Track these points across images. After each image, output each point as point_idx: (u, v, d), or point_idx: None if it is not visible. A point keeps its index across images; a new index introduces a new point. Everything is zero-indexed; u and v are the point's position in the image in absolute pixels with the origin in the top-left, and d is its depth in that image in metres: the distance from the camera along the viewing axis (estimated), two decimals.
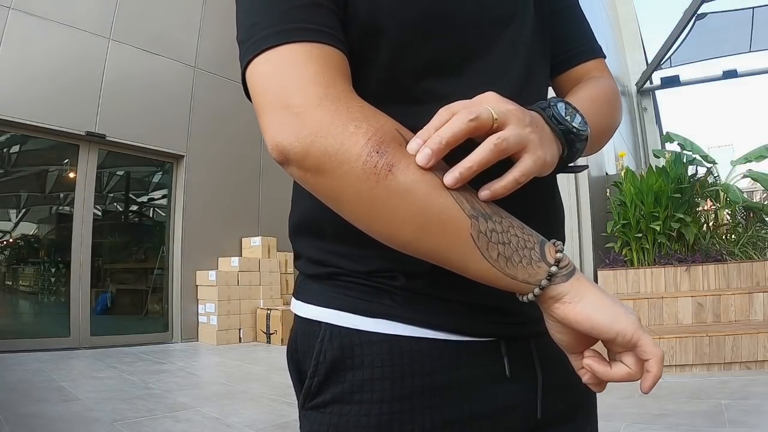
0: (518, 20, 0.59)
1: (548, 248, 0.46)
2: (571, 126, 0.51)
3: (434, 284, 0.54)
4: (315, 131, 0.43)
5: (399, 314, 0.54)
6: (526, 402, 0.57)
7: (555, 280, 0.45)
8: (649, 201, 4.89)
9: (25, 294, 5.94)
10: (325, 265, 0.57)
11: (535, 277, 0.45)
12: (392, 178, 0.43)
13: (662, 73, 10.48)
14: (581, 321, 0.45)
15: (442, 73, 0.54)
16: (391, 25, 0.52)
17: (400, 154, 0.44)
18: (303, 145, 0.43)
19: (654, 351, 0.44)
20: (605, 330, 0.44)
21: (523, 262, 0.45)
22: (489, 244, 0.44)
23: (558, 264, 0.45)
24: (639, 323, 0.45)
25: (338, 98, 0.45)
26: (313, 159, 0.44)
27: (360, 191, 0.43)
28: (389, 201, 0.43)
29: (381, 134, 0.44)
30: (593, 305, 0.45)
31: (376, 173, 0.42)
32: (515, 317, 0.56)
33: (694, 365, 3.57)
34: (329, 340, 0.54)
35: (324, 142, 0.43)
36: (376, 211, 0.44)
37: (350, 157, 0.43)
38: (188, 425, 2.78)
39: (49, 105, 5.16)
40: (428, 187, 0.43)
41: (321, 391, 0.54)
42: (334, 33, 0.49)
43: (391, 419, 0.51)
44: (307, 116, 0.44)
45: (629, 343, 0.44)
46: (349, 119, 0.44)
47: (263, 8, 0.49)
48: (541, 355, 0.58)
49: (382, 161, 0.43)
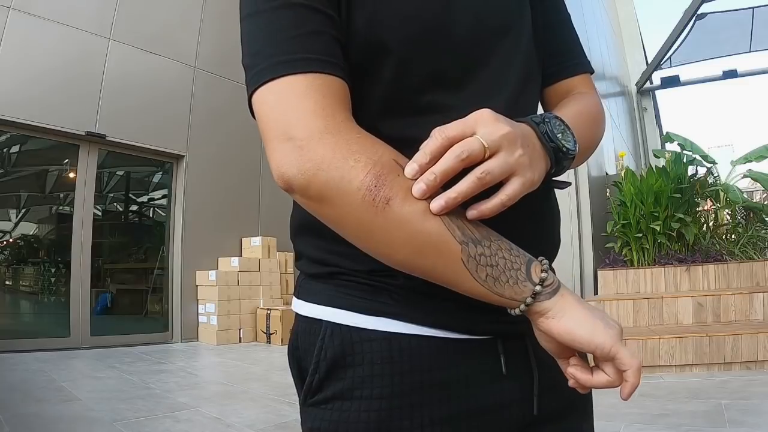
0: (515, 32, 0.61)
1: (534, 268, 0.49)
2: (561, 145, 0.53)
3: (433, 283, 0.54)
4: (317, 164, 0.46)
5: (398, 312, 0.55)
6: (522, 399, 0.58)
7: (539, 298, 0.48)
8: (649, 201, 4.89)
9: (25, 294, 5.94)
10: (325, 264, 0.58)
11: (521, 295, 0.48)
12: (389, 210, 0.46)
13: (662, 73, 10.49)
14: (563, 335, 0.48)
15: (443, 85, 0.56)
16: (392, 41, 0.53)
17: (397, 186, 0.46)
18: (306, 177, 0.46)
19: (630, 362, 0.47)
20: (585, 344, 0.47)
21: (509, 282, 0.48)
22: (478, 267, 0.47)
23: (542, 283, 0.48)
24: (617, 337, 0.48)
25: (338, 131, 0.47)
26: (315, 190, 0.47)
27: (360, 220, 0.46)
28: (387, 229, 0.46)
29: (379, 167, 0.46)
30: (574, 321, 0.48)
31: (374, 206, 0.45)
32: (512, 316, 0.57)
33: (694, 365, 3.57)
34: (330, 337, 0.55)
35: (326, 175, 0.46)
36: (375, 237, 0.47)
37: (350, 190, 0.46)
38: (188, 425, 2.78)
39: (49, 105, 5.16)
40: (422, 217, 0.46)
41: (322, 388, 0.56)
42: (334, 61, 0.51)
43: (391, 415, 0.53)
44: (309, 149, 0.46)
45: (608, 355, 0.47)
46: (348, 153, 0.46)
47: (265, 36, 0.51)
48: (537, 354, 0.59)
49: (379, 195, 0.45)
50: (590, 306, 0.50)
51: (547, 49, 0.69)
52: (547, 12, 0.69)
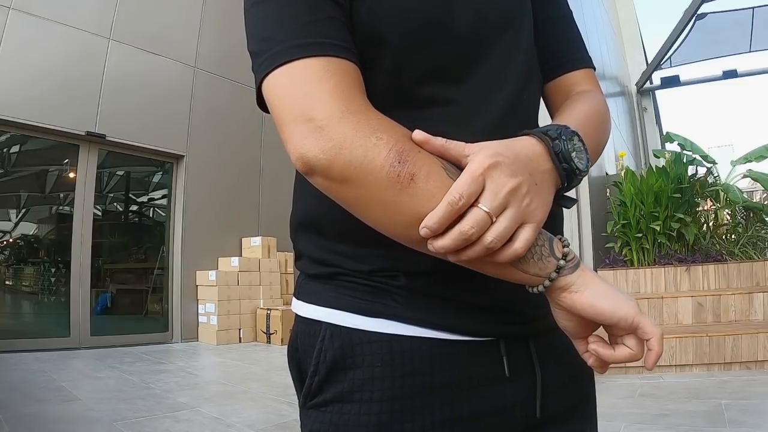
0: (515, 28, 0.61)
1: (556, 244, 0.49)
2: (575, 167, 0.52)
3: (434, 284, 0.54)
4: (339, 143, 0.45)
5: (399, 314, 0.54)
6: (525, 401, 0.57)
7: (563, 273, 0.48)
8: (649, 201, 4.88)
9: (25, 294, 5.94)
10: (326, 265, 0.58)
11: (545, 270, 0.48)
12: (414, 186, 0.45)
13: (662, 73, 10.49)
14: (587, 308, 0.48)
15: (443, 79, 0.55)
16: (392, 34, 0.53)
17: (420, 162, 0.45)
18: (328, 157, 0.45)
19: (654, 330, 0.47)
20: (608, 315, 0.48)
21: (534, 258, 0.48)
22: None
23: (565, 258, 0.48)
24: (638, 308, 0.48)
25: (359, 111, 0.47)
26: (338, 170, 0.45)
27: (385, 199, 0.45)
28: (413, 206, 0.45)
29: (401, 144, 0.46)
30: (597, 294, 0.48)
31: (399, 181, 0.45)
32: (514, 317, 0.57)
33: (694, 365, 3.57)
34: (330, 339, 0.55)
35: (348, 154, 0.45)
36: (400, 215, 0.46)
37: (374, 167, 0.45)
38: (188, 425, 2.78)
39: (49, 105, 5.16)
40: (444, 185, 0.45)
41: (322, 390, 0.55)
42: (348, 47, 0.51)
43: (391, 418, 0.52)
44: (331, 129, 0.45)
45: (631, 326, 0.48)
46: (371, 131, 0.46)
47: (277, 21, 0.50)
48: (540, 355, 0.59)
49: (404, 170, 0.45)
50: (608, 281, 0.51)
51: (547, 45, 0.68)
52: (548, 8, 0.69)
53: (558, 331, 0.62)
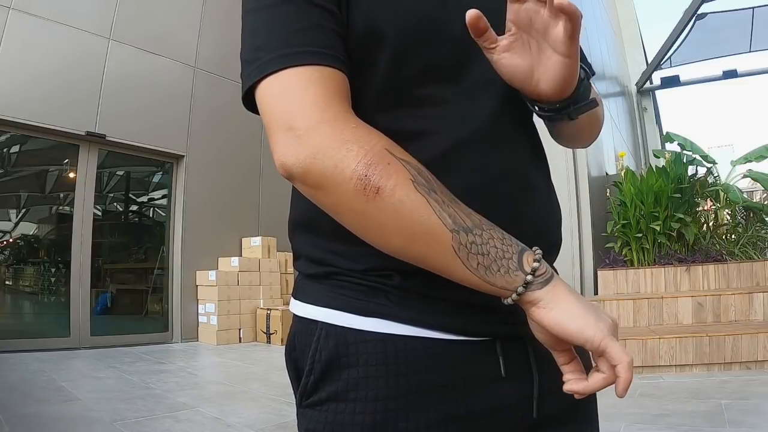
0: None
1: (526, 257, 0.49)
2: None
3: (429, 284, 0.54)
4: (313, 153, 0.47)
5: (394, 313, 0.54)
6: (522, 402, 0.57)
7: (531, 288, 0.48)
8: (649, 201, 4.89)
9: (25, 294, 5.94)
10: (322, 264, 0.58)
11: (512, 284, 0.48)
12: (379, 200, 0.46)
13: (662, 73, 10.49)
14: (554, 326, 0.48)
15: (438, 79, 0.57)
16: (388, 34, 0.54)
17: (386, 175, 0.47)
18: (303, 166, 0.48)
19: (621, 357, 0.47)
20: (574, 336, 0.47)
21: (501, 271, 0.48)
22: (469, 255, 0.48)
23: (534, 273, 0.48)
24: (609, 331, 0.48)
25: (335, 120, 0.48)
26: (312, 178, 0.48)
27: (354, 208, 0.48)
28: (378, 218, 0.47)
29: (370, 156, 0.47)
30: (565, 312, 0.48)
31: (365, 194, 0.46)
32: (511, 317, 0.57)
33: (694, 365, 3.57)
34: (325, 338, 0.55)
35: (321, 164, 0.47)
36: (369, 225, 0.49)
37: (343, 179, 0.47)
38: (188, 425, 2.78)
39: (49, 105, 5.15)
40: (413, 205, 0.47)
41: (317, 389, 0.55)
42: (335, 54, 0.52)
43: (386, 417, 0.52)
44: (306, 138, 0.48)
45: (597, 349, 0.47)
46: (342, 142, 0.47)
47: (268, 31, 0.52)
48: (537, 356, 0.59)
49: (370, 184, 0.46)
50: (583, 299, 0.50)
51: None
52: None
53: None
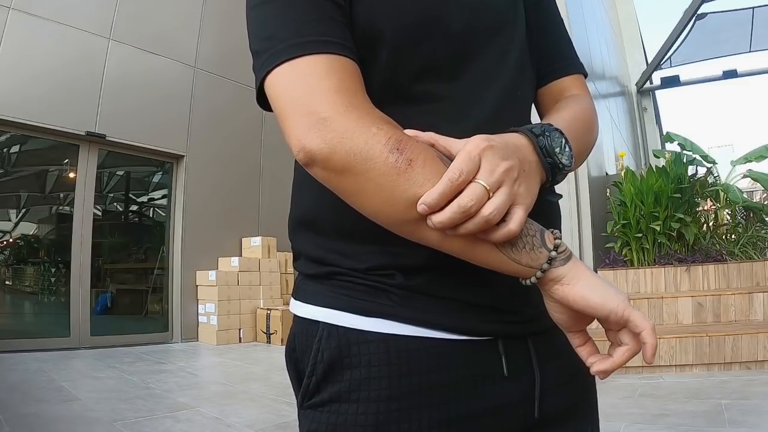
0: (508, 29, 0.62)
1: (548, 236, 0.50)
2: (558, 161, 0.54)
3: (432, 283, 0.54)
4: (341, 134, 0.47)
5: (396, 313, 0.54)
6: (523, 401, 0.57)
7: (555, 264, 0.49)
8: (649, 201, 4.88)
9: (25, 294, 5.94)
10: (323, 264, 0.58)
11: (537, 261, 0.49)
12: (411, 171, 0.46)
13: (662, 73, 10.50)
14: (578, 300, 0.49)
15: (437, 76, 0.57)
16: (388, 31, 0.54)
17: (417, 150, 0.47)
18: (330, 147, 0.47)
19: (644, 324, 0.48)
20: (599, 308, 0.48)
21: (526, 248, 0.48)
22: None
23: (557, 249, 0.49)
24: (628, 302, 0.49)
25: (361, 107, 0.49)
26: (338, 159, 0.47)
27: (383, 184, 0.47)
28: (410, 189, 0.46)
29: (399, 133, 0.48)
30: (588, 286, 0.49)
31: (396, 166, 0.46)
32: (513, 316, 0.57)
33: (694, 365, 3.57)
34: (327, 339, 0.55)
35: (349, 143, 0.46)
36: (396, 201, 0.47)
37: (374, 155, 0.46)
38: (188, 425, 2.78)
39: (49, 105, 5.15)
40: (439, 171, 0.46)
41: (319, 390, 0.55)
42: (349, 45, 0.52)
43: (389, 418, 0.52)
44: (334, 121, 0.47)
45: (621, 319, 0.48)
46: (371, 122, 0.48)
47: (280, 21, 0.52)
48: (539, 355, 0.59)
49: (402, 157, 0.46)
50: (598, 275, 0.51)
51: (540, 52, 0.70)
52: (540, 15, 0.70)
53: (557, 330, 0.62)
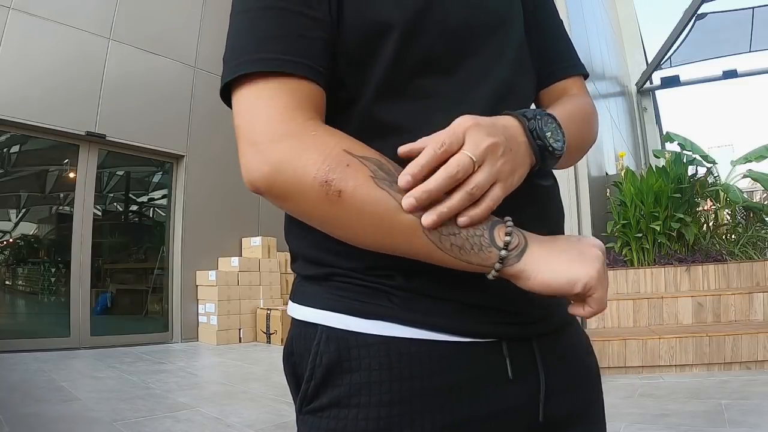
0: (506, 27, 0.62)
1: (498, 232, 0.49)
2: (548, 144, 0.53)
3: (433, 284, 0.53)
4: (275, 167, 0.48)
5: (397, 315, 0.53)
6: (528, 404, 0.56)
7: (508, 263, 0.48)
8: (649, 201, 4.88)
9: (25, 294, 5.94)
10: (321, 265, 0.57)
11: (488, 261, 0.48)
12: (342, 202, 0.47)
13: (662, 73, 10.49)
14: (544, 290, 0.49)
15: (435, 70, 0.56)
16: (396, 21, 0.54)
17: (346, 177, 0.47)
18: (267, 180, 0.49)
19: (600, 307, 0.50)
20: (566, 291, 0.49)
21: (474, 249, 0.48)
22: (441, 237, 0.47)
23: (507, 247, 0.48)
24: (597, 274, 0.49)
25: (297, 133, 0.49)
26: (277, 190, 0.49)
27: (321, 213, 0.49)
28: (346, 218, 0.48)
29: (329, 161, 0.47)
30: (550, 273, 0.48)
31: (328, 199, 0.47)
32: (517, 317, 0.56)
33: (694, 365, 3.57)
34: (326, 342, 0.54)
35: (284, 176, 0.48)
36: (339, 226, 0.50)
37: (305, 188, 0.48)
38: (188, 425, 2.78)
39: (49, 105, 5.15)
40: (376, 202, 0.47)
41: (318, 395, 0.54)
42: (310, 63, 0.52)
43: (390, 423, 0.51)
44: (268, 153, 0.49)
45: (586, 295, 0.49)
46: (302, 152, 0.48)
47: (247, 34, 0.53)
48: (544, 357, 0.57)
49: (331, 189, 0.47)
50: (564, 246, 0.50)
51: (540, 53, 0.69)
52: (540, 16, 0.70)
53: (563, 332, 0.61)
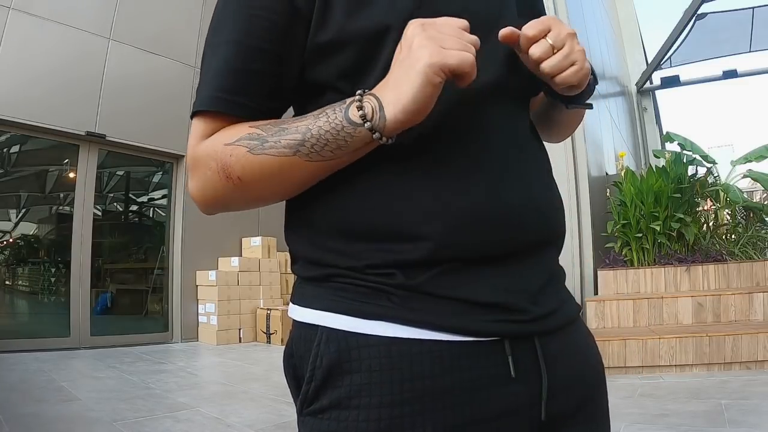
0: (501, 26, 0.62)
1: (351, 113, 0.51)
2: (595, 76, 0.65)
3: (433, 282, 0.53)
4: (195, 189, 0.58)
5: (397, 315, 0.53)
6: (531, 403, 0.55)
7: (379, 126, 0.50)
8: (649, 201, 4.88)
9: (25, 294, 5.94)
10: (321, 265, 0.57)
11: (366, 138, 0.51)
12: (243, 182, 0.54)
13: (662, 73, 10.48)
14: (425, 106, 0.50)
15: None
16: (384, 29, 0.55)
17: (231, 163, 0.54)
18: (198, 200, 0.59)
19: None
20: (438, 82, 0.49)
21: (347, 140, 0.51)
22: (322, 152, 0.51)
23: (366, 119, 0.50)
24: (431, 42, 0.49)
25: (198, 154, 0.57)
26: (209, 204, 0.59)
27: (242, 197, 0.57)
28: (256, 190, 0.55)
29: (217, 159, 0.54)
30: (410, 96, 0.49)
31: (234, 185, 0.54)
32: (519, 314, 0.56)
33: (694, 365, 3.57)
34: (326, 343, 0.54)
35: (204, 193, 0.58)
36: (257, 197, 0.57)
37: (218, 190, 0.56)
38: (188, 425, 2.78)
39: (49, 105, 5.15)
40: (262, 166, 0.53)
41: (318, 396, 0.54)
42: (244, 102, 0.56)
43: (392, 425, 0.51)
44: (189, 178, 0.59)
45: (449, 73, 0.49)
46: (203, 167, 0.56)
47: (206, 68, 0.59)
48: (546, 355, 0.57)
49: (231, 177, 0.54)
50: (396, 69, 0.50)
51: None
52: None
53: (566, 330, 0.61)
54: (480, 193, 0.55)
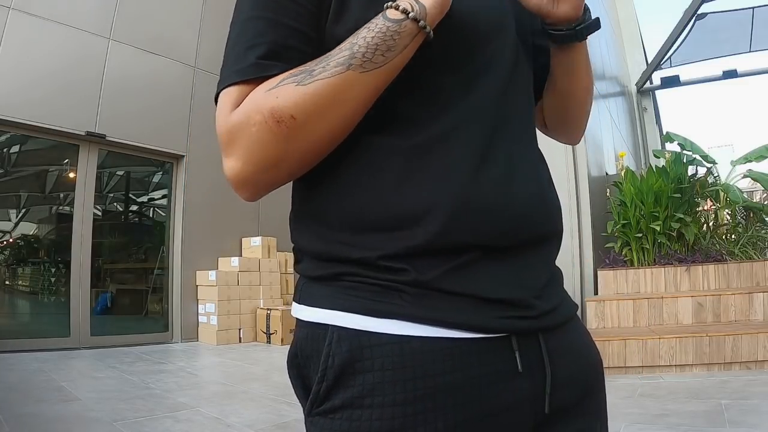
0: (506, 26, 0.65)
1: (391, 14, 0.52)
2: None
3: (445, 278, 0.54)
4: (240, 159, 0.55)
5: (410, 313, 0.53)
6: (534, 397, 0.57)
7: (422, 15, 0.52)
8: (649, 201, 4.88)
9: (25, 294, 5.94)
10: (329, 261, 0.56)
11: (414, 31, 0.52)
12: (297, 121, 0.51)
13: (662, 73, 10.48)
14: (447, 4, 0.54)
15: (443, 67, 0.58)
16: None
17: (281, 103, 0.51)
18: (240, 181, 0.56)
19: None
20: None
21: (395, 38, 0.52)
22: (374, 57, 0.51)
23: (409, 11, 0.52)
24: None
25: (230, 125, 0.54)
26: (258, 174, 0.55)
27: (294, 147, 0.53)
28: (316, 126, 0.52)
29: (264, 109, 0.51)
30: None
31: (286, 128, 0.51)
32: (525, 311, 0.57)
33: (694, 365, 3.57)
34: (338, 342, 0.53)
35: (250, 159, 0.54)
36: (312, 140, 0.53)
37: (268, 142, 0.52)
38: (188, 425, 2.78)
39: (49, 105, 5.15)
40: (315, 95, 0.51)
41: (330, 396, 0.53)
42: (274, 63, 0.54)
43: (404, 423, 0.51)
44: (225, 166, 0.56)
45: None
46: (245, 125, 0.53)
47: (232, 44, 0.57)
48: (549, 350, 0.58)
49: (282, 121, 0.51)
50: None
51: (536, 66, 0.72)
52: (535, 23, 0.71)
53: (566, 327, 0.63)
54: (489, 181, 0.56)
